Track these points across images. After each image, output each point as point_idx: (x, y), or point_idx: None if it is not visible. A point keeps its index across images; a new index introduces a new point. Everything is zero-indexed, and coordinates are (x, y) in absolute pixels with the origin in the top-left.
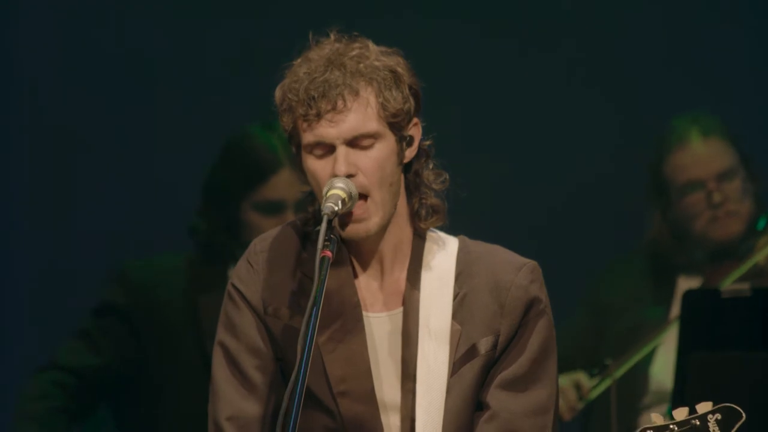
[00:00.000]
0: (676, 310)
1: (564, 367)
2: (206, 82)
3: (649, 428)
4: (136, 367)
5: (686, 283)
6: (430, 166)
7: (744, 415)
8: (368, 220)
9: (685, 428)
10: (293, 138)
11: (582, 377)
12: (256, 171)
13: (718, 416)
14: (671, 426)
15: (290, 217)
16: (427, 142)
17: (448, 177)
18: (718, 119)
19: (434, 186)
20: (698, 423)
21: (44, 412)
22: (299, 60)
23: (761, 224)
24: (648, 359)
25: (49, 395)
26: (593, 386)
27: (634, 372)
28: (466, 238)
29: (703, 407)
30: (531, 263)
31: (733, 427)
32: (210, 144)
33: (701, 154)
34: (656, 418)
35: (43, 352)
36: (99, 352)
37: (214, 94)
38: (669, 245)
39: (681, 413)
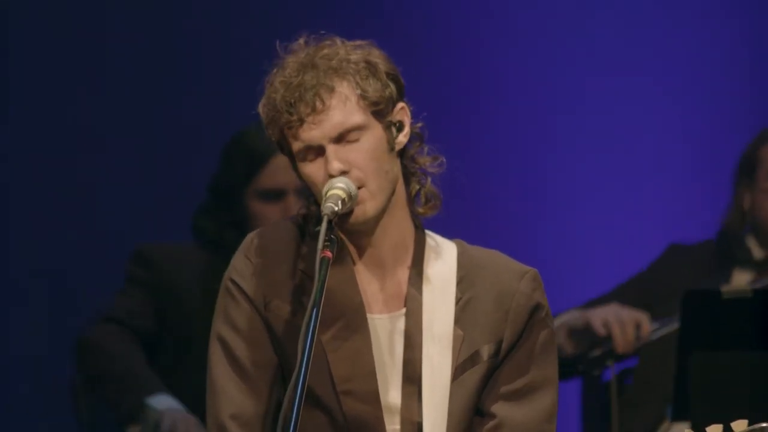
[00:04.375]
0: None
1: None
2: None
3: None
4: (159, 342)
5: (741, 276)
6: (425, 151)
7: None
8: (363, 203)
9: None
10: (284, 148)
11: (644, 318)
12: (251, 158)
13: None
14: None
15: (292, 202)
16: (419, 125)
17: (444, 160)
18: None
19: (430, 170)
20: None
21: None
22: (275, 70)
23: None
24: None
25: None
26: (654, 329)
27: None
28: (463, 242)
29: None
30: (532, 271)
31: None
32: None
33: None
34: (714, 430)
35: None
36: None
37: (218, 95)
38: (736, 232)
39: (740, 425)
